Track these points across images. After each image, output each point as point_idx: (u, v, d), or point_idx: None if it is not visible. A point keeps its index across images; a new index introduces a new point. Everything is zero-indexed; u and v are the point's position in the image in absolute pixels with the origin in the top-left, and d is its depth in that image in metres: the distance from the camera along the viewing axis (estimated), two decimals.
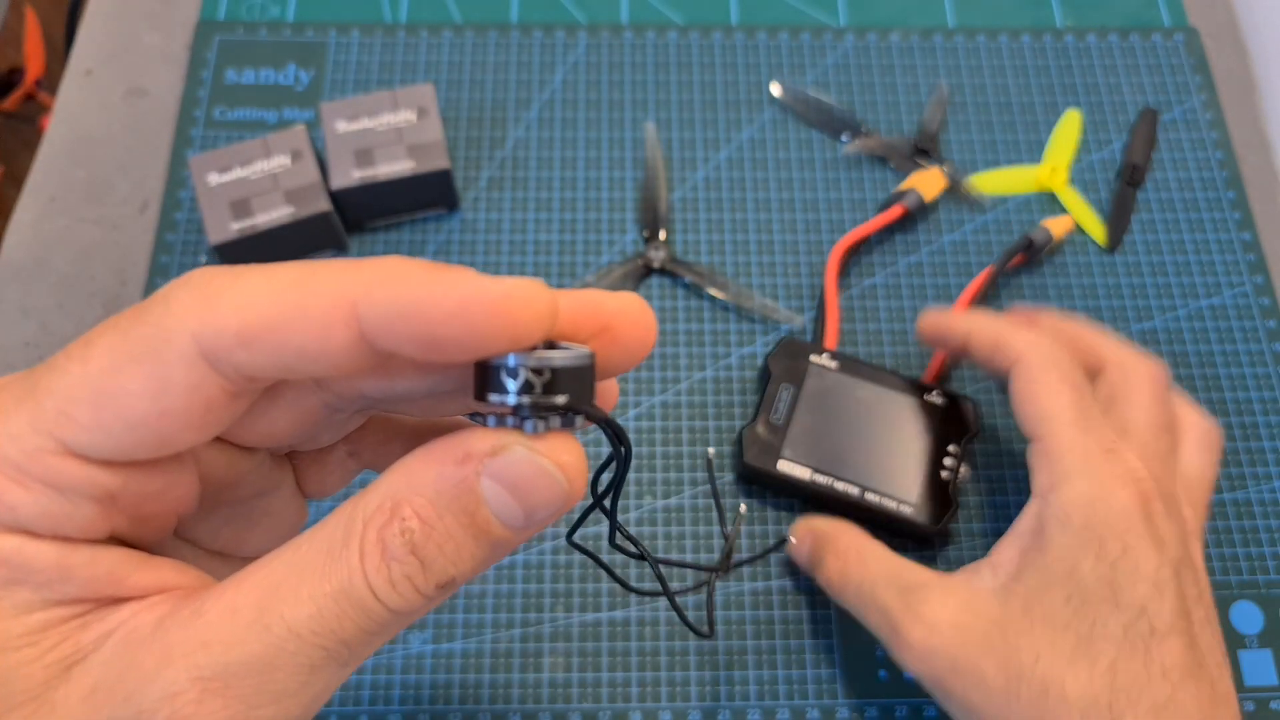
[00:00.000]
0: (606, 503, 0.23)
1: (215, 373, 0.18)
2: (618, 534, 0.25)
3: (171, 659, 0.18)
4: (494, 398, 0.19)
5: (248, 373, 0.18)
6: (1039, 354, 0.36)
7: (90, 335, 0.18)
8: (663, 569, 0.42)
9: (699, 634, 0.33)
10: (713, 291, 0.49)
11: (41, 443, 0.17)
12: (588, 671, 0.42)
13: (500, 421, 0.19)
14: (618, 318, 0.20)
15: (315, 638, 0.18)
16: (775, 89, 0.55)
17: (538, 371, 0.18)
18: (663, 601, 0.43)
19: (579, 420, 0.19)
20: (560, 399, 0.18)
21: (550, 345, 0.19)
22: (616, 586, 0.43)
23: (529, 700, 0.41)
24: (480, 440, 0.19)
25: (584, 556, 0.38)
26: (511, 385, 0.18)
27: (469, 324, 0.17)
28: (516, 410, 0.19)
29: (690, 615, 0.42)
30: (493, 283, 0.18)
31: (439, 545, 0.18)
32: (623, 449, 0.21)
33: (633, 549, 0.28)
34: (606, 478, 0.23)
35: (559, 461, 0.19)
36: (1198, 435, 0.38)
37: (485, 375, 0.19)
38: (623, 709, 0.41)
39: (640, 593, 0.32)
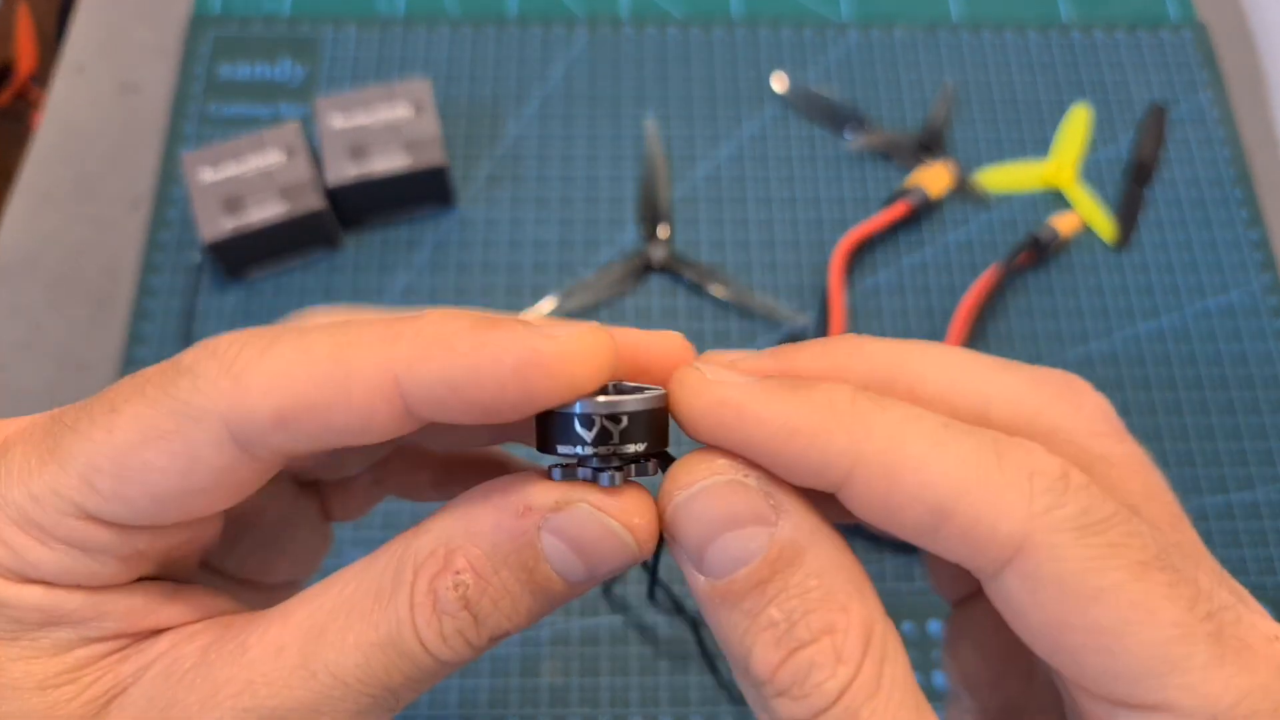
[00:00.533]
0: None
1: (246, 454, 0.17)
2: (658, 589, 0.23)
3: (216, 699, 0.17)
4: (564, 449, 0.17)
5: (283, 453, 0.17)
6: (1070, 540, 0.16)
7: (114, 398, 0.17)
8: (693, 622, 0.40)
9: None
10: (714, 290, 0.48)
11: (63, 506, 0.17)
12: (586, 677, 0.41)
13: (567, 473, 0.18)
14: (662, 361, 0.19)
15: (362, 686, 0.17)
16: (777, 83, 0.54)
17: (614, 419, 0.17)
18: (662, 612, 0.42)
19: (650, 466, 0.18)
20: (639, 447, 0.17)
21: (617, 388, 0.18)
22: (616, 593, 0.42)
23: (527, 705, 0.41)
24: (542, 493, 0.17)
25: None
26: (586, 435, 0.17)
27: (525, 388, 0.16)
28: (584, 461, 0.17)
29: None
30: (546, 339, 0.16)
31: (494, 600, 0.17)
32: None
33: (671, 605, 0.26)
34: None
35: (630, 524, 0.17)
36: None
37: (552, 425, 0.17)
38: (622, 713, 0.40)
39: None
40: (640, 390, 0.18)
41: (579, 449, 0.17)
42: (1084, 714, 0.17)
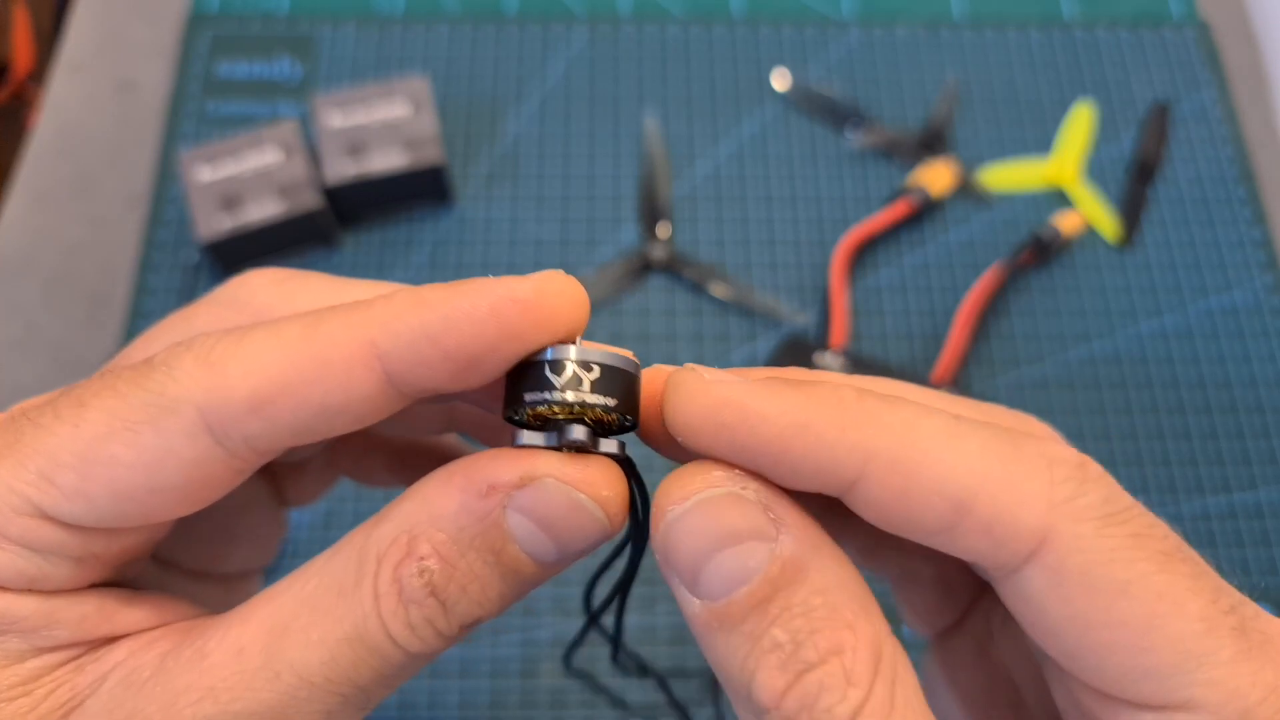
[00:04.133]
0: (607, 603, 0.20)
1: (220, 448, 0.16)
2: (621, 651, 0.22)
3: (176, 707, 0.17)
4: (532, 396, 0.16)
5: (260, 446, 0.17)
6: (1094, 531, 0.16)
7: (83, 393, 0.17)
8: (664, 671, 0.39)
9: None
10: (714, 289, 0.48)
11: (17, 504, 0.16)
12: (586, 678, 0.41)
13: (531, 436, 0.17)
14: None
15: (330, 684, 0.17)
16: (778, 81, 0.54)
17: (585, 365, 0.16)
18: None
19: (615, 445, 0.17)
20: (609, 402, 0.16)
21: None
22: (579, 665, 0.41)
23: (527, 706, 0.40)
24: (505, 469, 0.16)
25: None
26: (556, 380, 0.16)
27: (504, 328, 0.16)
28: (551, 415, 0.16)
29: None
30: (518, 282, 0.16)
31: (462, 586, 0.17)
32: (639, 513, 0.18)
33: (635, 668, 0.25)
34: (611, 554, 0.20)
35: (598, 496, 0.16)
36: None
37: (521, 376, 0.16)
38: (622, 715, 0.40)
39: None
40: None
41: (547, 394, 0.16)
42: None
